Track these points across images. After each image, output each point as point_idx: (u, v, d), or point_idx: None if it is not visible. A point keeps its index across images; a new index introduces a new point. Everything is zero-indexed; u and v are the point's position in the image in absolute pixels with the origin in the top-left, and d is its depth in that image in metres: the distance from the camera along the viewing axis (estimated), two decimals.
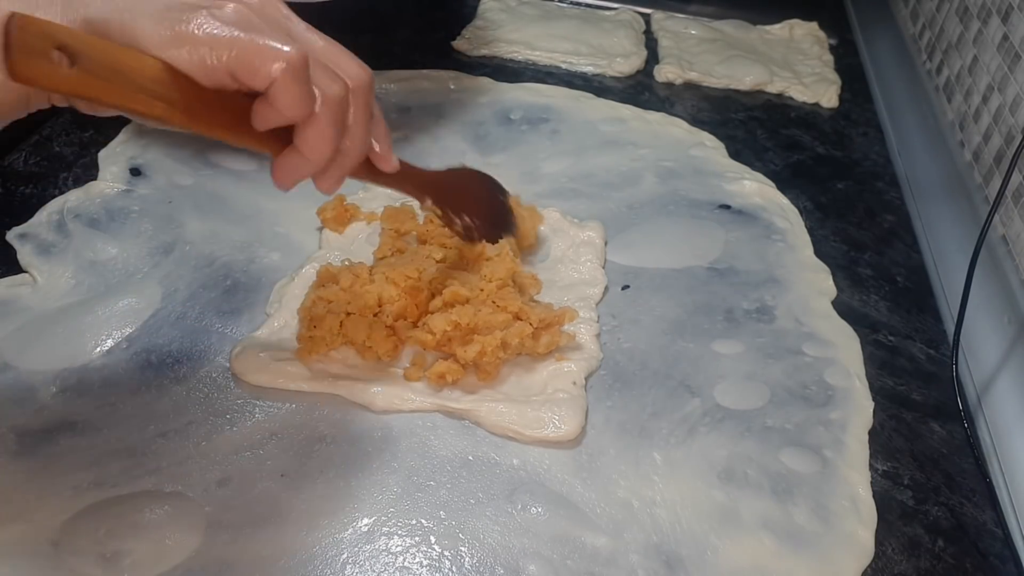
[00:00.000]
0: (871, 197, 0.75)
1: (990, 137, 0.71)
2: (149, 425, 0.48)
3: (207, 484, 0.45)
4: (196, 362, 0.52)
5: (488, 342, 0.51)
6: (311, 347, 0.52)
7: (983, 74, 0.75)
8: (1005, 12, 0.73)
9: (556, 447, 0.49)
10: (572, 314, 0.55)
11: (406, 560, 0.43)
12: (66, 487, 0.44)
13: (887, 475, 0.51)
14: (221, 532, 0.43)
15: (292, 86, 0.39)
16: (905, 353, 0.59)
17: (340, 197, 0.63)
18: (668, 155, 0.76)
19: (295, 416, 0.50)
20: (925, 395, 0.56)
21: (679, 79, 0.89)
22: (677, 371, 0.55)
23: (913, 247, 0.70)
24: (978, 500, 0.50)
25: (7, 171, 0.65)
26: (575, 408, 0.51)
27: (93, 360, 0.52)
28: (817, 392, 0.55)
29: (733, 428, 0.52)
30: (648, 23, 0.99)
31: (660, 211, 0.69)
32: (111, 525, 0.43)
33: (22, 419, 0.48)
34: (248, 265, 0.60)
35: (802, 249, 0.67)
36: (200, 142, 0.70)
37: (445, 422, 0.50)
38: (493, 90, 0.82)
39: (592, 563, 0.44)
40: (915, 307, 0.64)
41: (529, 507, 0.46)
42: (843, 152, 0.81)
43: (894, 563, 0.46)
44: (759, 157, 0.78)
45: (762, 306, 0.61)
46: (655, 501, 0.47)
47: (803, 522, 0.47)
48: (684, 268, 0.64)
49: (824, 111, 0.87)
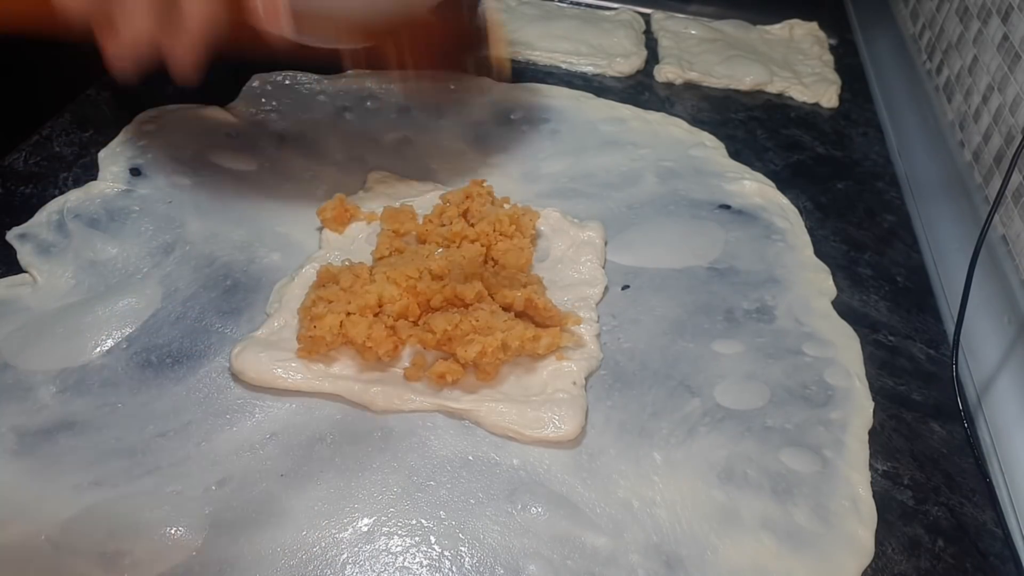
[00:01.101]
0: (871, 197, 0.75)
1: (990, 137, 0.71)
2: (149, 425, 0.48)
3: (207, 484, 0.45)
4: (196, 362, 0.52)
5: (489, 342, 0.51)
6: (311, 347, 0.52)
7: (983, 74, 0.75)
8: (1005, 12, 0.73)
9: (556, 447, 0.49)
10: (576, 319, 0.55)
11: (406, 560, 0.43)
12: (66, 487, 0.44)
13: (887, 475, 0.51)
14: (221, 532, 0.43)
15: None
16: (905, 353, 0.59)
17: (340, 197, 0.63)
18: (668, 155, 0.76)
19: (295, 416, 0.50)
20: (925, 395, 0.56)
21: (679, 79, 0.89)
22: (677, 371, 0.55)
23: (913, 247, 0.70)
24: (978, 500, 0.50)
25: (7, 171, 0.65)
26: (575, 408, 0.51)
27: (93, 360, 0.52)
28: (817, 392, 0.55)
29: (733, 428, 0.52)
30: (648, 23, 0.99)
31: (660, 211, 0.69)
32: (111, 525, 0.43)
33: (22, 419, 0.48)
34: (248, 265, 0.60)
35: (802, 249, 0.67)
36: (200, 142, 0.70)
37: (445, 422, 0.50)
38: (493, 90, 0.82)
39: (592, 563, 0.44)
40: (915, 307, 0.64)
41: (529, 507, 0.46)
42: (843, 152, 0.81)
43: (894, 563, 0.46)
44: (759, 157, 0.78)
45: (762, 306, 0.61)
46: (655, 501, 0.47)
47: (803, 522, 0.47)
48: (684, 268, 0.64)
49: (824, 111, 0.87)
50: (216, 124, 0.73)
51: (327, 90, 0.79)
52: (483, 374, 0.52)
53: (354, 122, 0.75)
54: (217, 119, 0.73)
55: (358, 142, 0.73)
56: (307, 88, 0.79)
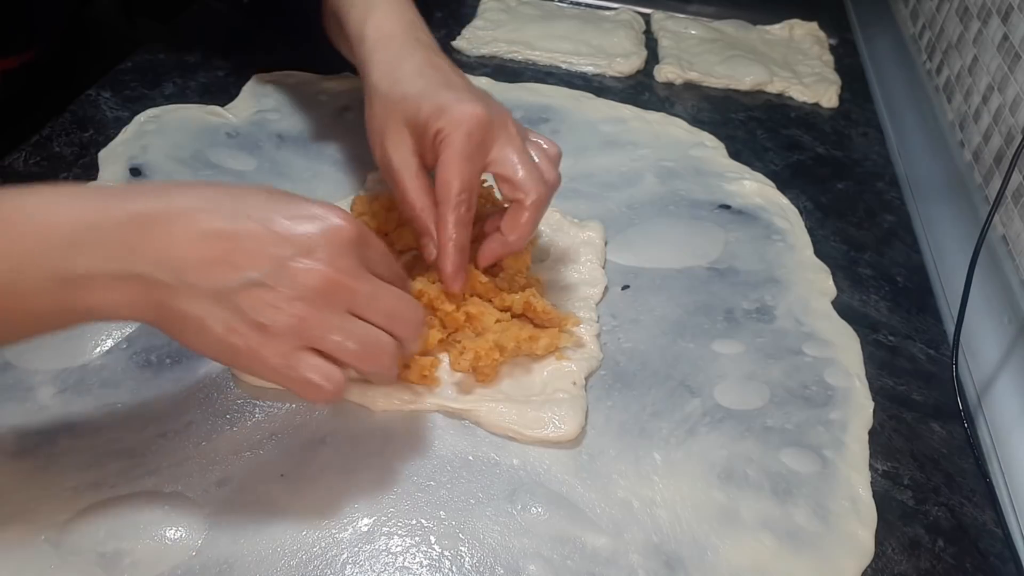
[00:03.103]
0: (871, 197, 0.75)
1: (990, 137, 0.71)
2: (148, 425, 0.48)
3: (207, 484, 0.45)
4: (196, 362, 0.52)
5: (481, 345, 0.51)
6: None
7: (983, 74, 0.75)
8: (1005, 12, 0.73)
9: (556, 447, 0.49)
10: (575, 320, 0.55)
11: (406, 560, 0.43)
12: (65, 487, 0.44)
13: (887, 475, 0.51)
14: (221, 532, 0.43)
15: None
16: (905, 353, 0.59)
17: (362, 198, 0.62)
18: (668, 155, 0.76)
19: (295, 416, 0.50)
20: (925, 395, 0.56)
21: (679, 79, 0.89)
22: (677, 371, 0.55)
23: (913, 247, 0.70)
24: (978, 500, 0.50)
25: (7, 171, 0.65)
26: (575, 408, 0.51)
27: (93, 360, 0.52)
28: (817, 392, 0.55)
29: (733, 428, 0.52)
30: (648, 23, 0.99)
31: (660, 211, 0.69)
32: (111, 525, 0.43)
33: (22, 419, 0.48)
34: None
35: (802, 249, 0.67)
36: (200, 142, 0.70)
37: (445, 422, 0.50)
38: (493, 90, 0.82)
39: (592, 563, 0.44)
40: (915, 307, 0.64)
41: (529, 507, 0.46)
42: (843, 152, 0.81)
43: (894, 563, 0.46)
44: (759, 157, 0.78)
45: (762, 306, 0.61)
46: (655, 501, 0.47)
47: (803, 522, 0.47)
48: (684, 268, 0.64)
49: (824, 111, 0.87)
50: (216, 124, 0.73)
51: (327, 90, 0.79)
52: (481, 376, 0.52)
53: (354, 122, 0.75)
54: (217, 119, 0.73)
55: (358, 142, 0.72)
56: (307, 88, 0.79)
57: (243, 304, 0.39)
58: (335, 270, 0.40)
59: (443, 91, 0.53)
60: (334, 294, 0.41)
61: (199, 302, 0.39)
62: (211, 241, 0.39)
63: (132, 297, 0.38)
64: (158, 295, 0.38)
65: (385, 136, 0.54)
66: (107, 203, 0.39)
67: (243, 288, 0.39)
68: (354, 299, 0.42)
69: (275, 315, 0.39)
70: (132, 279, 0.38)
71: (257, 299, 0.39)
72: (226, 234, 0.39)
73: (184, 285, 0.38)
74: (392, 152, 0.53)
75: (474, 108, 0.51)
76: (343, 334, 0.41)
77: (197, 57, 0.81)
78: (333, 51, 0.68)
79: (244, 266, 0.39)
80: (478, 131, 0.51)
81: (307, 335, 0.40)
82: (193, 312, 0.39)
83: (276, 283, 0.39)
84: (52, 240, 0.37)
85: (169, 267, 0.38)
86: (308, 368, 0.41)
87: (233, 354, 0.40)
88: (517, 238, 0.52)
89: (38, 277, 0.37)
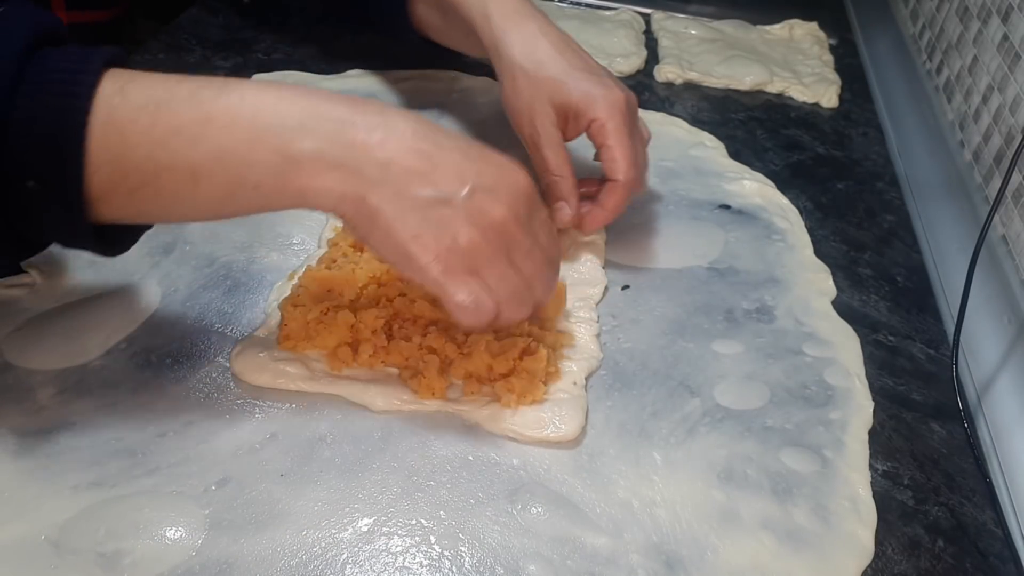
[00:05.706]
0: (871, 197, 0.75)
1: (990, 137, 0.71)
2: (149, 425, 0.48)
3: (207, 484, 0.45)
4: (196, 362, 0.52)
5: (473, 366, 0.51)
6: (291, 342, 0.52)
7: (983, 74, 0.75)
8: (1005, 12, 0.73)
9: (556, 447, 0.49)
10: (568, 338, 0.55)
11: (406, 560, 0.43)
12: (65, 487, 0.44)
13: (887, 475, 0.51)
14: (221, 532, 0.43)
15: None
16: (905, 353, 0.59)
17: None
18: (668, 155, 0.76)
19: (295, 416, 0.50)
20: (925, 395, 0.56)
21: (679, 79, 0.89)
22: (677, 371, 0.55)
23: (913, 247, 0.70)
24: (978, 500, 0.50)
25: None
26: (575, 408, 0.51)
27: (93, 360, 0.52)
28: (817, 392, 0.55)
29: (733, 428, 0.52)
30: (648, 23, 0.99)
31: (660, 211, 0.69)
32: (111, 525, 0.43)
33: (22, 419, 0.48)
34: (248, 265, 0.60)
35: (802, 249, 0.67)
36: None
37: (445, 422, 0.50)
38: (493, 90, 0.82)
39: (592, 563, 0.44)
40: (915, 307, 0.64)
41: (529, 507, 0.46)
42: (843, 152, 0.81)
43: (894, 563, 0.46)
44: (759, 157, 0.78)
45: (762, 306, 0.61)
46: (655, 501, 0.47)
47: (803, 522, 0.47)
48: (684, 268, 0.64)
49: (824, 111, 0.87)
50: None
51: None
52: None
53: None
54: None
55: None
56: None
57: (431, 216, 0.43)
58: (512, 214, 0.45)
59: (585, 76, 0.61)
60: (503, 234, 0.45)
61: (395, 204, 0.43)
62: (418, 156, 0.43)
63: (341, 186, 0.42)
64: (363, 189, 0.42)
65: (534, 113, 0.61)
66: (336, 104, 0.43)
67: (433, 202, 0.43)
68: (515, 246, 0.46)
69: (455, 235, 0.43)
70: (346, 169, 0.42)
71: (442, 215, 0.43)
72: (431, 154, 0.44)
73: (388, 185, 0.42)
74: (540, 127, 0.61)
75: (618, 95, 0.60)
76: (502, 273, 0.46)
77: (197, 57, 0.81)
78: (333, 51, 0.67)
79: (440, 183, 0.43)
80: (629, 114, 0.61)
81: (475, 262, 0.44)
82: (388, 212, 0.43)
83: (460, 206, 0.44)
84: (287, 121, 0.41)
85: (379, 166, 0.42)
86: (468, 290, 0.44)
87: (408, 260, 0.44)
88: (610, 212, 0.61)
89: (268, 150, 0.41)
